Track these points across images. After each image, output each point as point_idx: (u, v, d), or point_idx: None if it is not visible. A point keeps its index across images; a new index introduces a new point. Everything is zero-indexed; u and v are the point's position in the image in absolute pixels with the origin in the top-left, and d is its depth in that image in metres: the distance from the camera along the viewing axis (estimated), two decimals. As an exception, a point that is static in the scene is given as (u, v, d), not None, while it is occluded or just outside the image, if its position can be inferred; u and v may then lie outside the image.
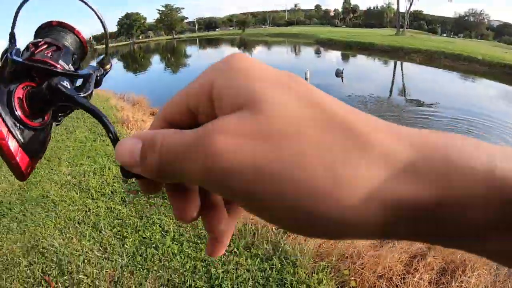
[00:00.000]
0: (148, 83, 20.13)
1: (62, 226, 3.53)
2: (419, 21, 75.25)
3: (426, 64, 20.98)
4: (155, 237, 3.17)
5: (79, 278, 2.76)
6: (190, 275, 2.67)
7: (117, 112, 8.17)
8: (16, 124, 0.42)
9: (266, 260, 2.75)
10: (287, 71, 0.25)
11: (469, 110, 9.78)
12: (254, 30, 70.02)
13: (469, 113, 9.45)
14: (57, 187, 4.38)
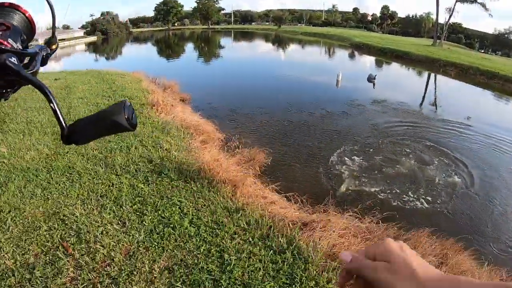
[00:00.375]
0: (181, 69, 20.34)
1: (84, 197, 3.66)
2: (457, 34, 73.24)
3: (460, 79, 20.52)
4: (174, 217, 3.26)
5: (95, 247, 2.88)
6: (204, 258, 2.75)
7: (148, 95, 8.31)
8: None
9: (279, 253, 2.81)
10: None
11: (498, 130, 9.56)
12: (289, 27, 69.66)
13: (498, 133, 9.24)
14: (83, 160, 4.53)
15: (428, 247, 3.48)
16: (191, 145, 5.37)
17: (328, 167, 6.23)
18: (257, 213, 3.38)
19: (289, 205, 4.10)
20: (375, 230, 3.73)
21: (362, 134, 8.20)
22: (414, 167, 6.47)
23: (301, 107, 10.53)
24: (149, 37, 56.70)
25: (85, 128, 0.63)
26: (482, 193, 5.70)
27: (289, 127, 8.50)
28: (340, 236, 3.26)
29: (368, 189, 5.50)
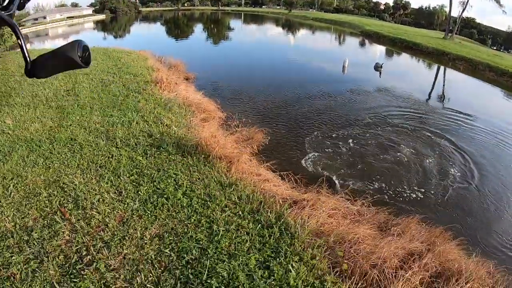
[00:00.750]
0: (188, 50, 20.30)
1: (84, 167, 3.77)
2: (470, 28, 72.22)
3: (469, 74, 20.36)
4: (168, 189, 3.36)
5: (91, 213, 3.01)
6: (193, 228, 2.86)
7: (153, 73, 8.37)
8: None
9: (267, 228, 2.90)
10: None
11: (501, 126, 9.56)
12: (300, 12, 68.89)
13: (501, 128, 9.25)
14: (85, 133, 4.63)
15: (416, 233, 3.53)
16: (192, 122, 5.45)
17: (325, 150, 6.31)
18: (249, 188, 3.47)
19: (283, 184, 4.17)
20: (365, 213, 3.81)
21: (362, 120, 8.27)
22: (411, 155, 6.53)
23: (305, 90, 10.57)
24: (158, 16, 56.33)
25: (44, 63, 0.71)
26: (478, 186, 5.74)
27: (290, 109, 8.56)
28: (329, 216, 3.34)
29: (363, 173, 5.58)
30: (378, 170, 5.78)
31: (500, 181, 6.07)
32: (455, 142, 7.53)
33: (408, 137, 7.45)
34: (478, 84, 18.34)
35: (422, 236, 3.49)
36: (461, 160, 6.66)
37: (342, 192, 4.17)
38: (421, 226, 3.81)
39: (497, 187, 5.85)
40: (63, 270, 2.40)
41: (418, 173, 5.85)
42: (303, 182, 4.50)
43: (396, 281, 2.58)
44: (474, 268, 3.09)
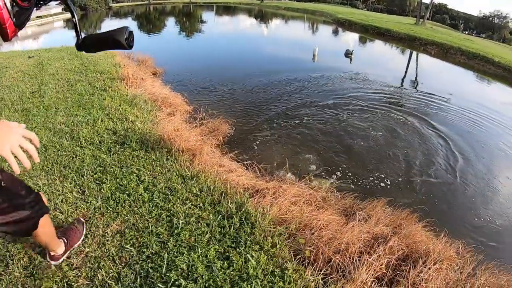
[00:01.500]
0: (159, 44, 20.05)
1: (48, 169, 3.70)
2: (442, 14, 73.63)
3: (440, 58, 20.75)
4: (131, 185, 3.33)
5: (55, 214, 2.95)
6: (154, 222, 2.85)
7: (119, 69, 8.24)
8: (12, 3, 0.62)
9: (227, 218, 2.90)
10: None
11: (477, 108, 9.86)
12: (272, 2, 68.82)
13: (478, 111, 9.54)
14: (50, 134, 4.53)
15: (382, 217, 3.57)
16: (157, 117, 5.40)
17: (291, 136, 6.38)
18: (210, 180, 3.47)
19: (246, 173, 4.17)
20: (330, 199, 3.86)
21: (330, 105, 8.36)
22: (380, 137, 6.63)
23: (274, 79, 10.60)
24: (129, 12, 55.38)
25: (93, 42, 0.85)
26: (447, 166, 5.87)
27: (258, 99, 8.58)
28: (292, 203, 3.36)
29: (328, 159, 5.64)
30: (344, 154, 5.85)
31: (470, 161, 6.21)
32: (426, 123, 7.71)
33: (377, 120, 7.57)
34: (450, 68, 18.72)
35: (388, 219, 3.53)
36: (431, 141, 6.81)
37: (306, 179, 4.20)
38: (387, 210, 3.85)
39: (468, 167, 5.98)
40: (27, 272, 2.36)
41: (386, 156, 5.95)
42: (267, 171, 4.52)
43: (360, 265, 2.59)
44: (442, 249, 3.14)
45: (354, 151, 6.03)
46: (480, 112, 9.53)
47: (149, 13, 52.13)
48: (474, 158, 6.34)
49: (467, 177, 5.67)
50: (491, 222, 4.63)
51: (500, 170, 6.17)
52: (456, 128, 7.82)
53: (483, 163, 6.25)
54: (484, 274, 3.00)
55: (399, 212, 3.81)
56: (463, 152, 6.47)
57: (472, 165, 6.05)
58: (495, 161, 6.53)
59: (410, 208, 3.97)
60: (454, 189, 5.30)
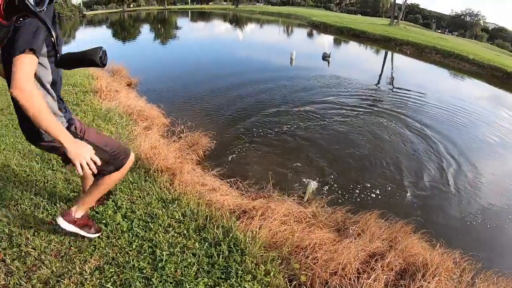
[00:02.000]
0: (134, 52, 19.63)
1: (18, 197, 3.39)
2: (414, 14, 75.18)
3: (416, 58, 21.04)
4: (107, 212, 3.05)
5: (27, 250, 2.66)
6: (136, 255, 2.59)
7: (92, 81, 7.91)
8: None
9: (215, 246, 2.67)
10: None
11: (453, 103, 9.99)
12: (247, 7, 68.97)
13: (453, 106, 9.64)
14: (19, 157, 4.21)
15: (376, 230, 3.41)
16: (133, 132, 5.13)
17: (274, 147, 6.14)
18: (193, 203, 3.22)
19: (231, 192, 3.95)
20: (321, 214, 3.67)
21: (312, 111, 8.21)
22: (364, 144, 6.49)
23: (252, 86, 10.40)
24: (104, 19, 54.55)
25: (69, 60, 0.90)
26: (435, 172, 5.74)
27: (237, 107, 8.32)
28: (282, 222, 3.16)
29: (315, 170, 5.41)
30: (330, 163, 5.64)
31: (458, 163, 6.13)
32: (408, 124, 7.68)
33: (360, 124, 7.49)
34: (426, 66, 19.00)
35: (383, 233, 3.37)
36: (416, 143, 6.72)
37: (294, 194, 4.00)
38: (381, 222, 3.69)
39: (456, 169, 5.88)
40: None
41: (373, 163, 5.80)
42: (252, 186, 4.32)
43: (359, 287, 2.46)
44: (440, 260, 3.03)
45: (340, 160, 5.82)
46: (460, 108, 9.72)
47: (124, 20, 51.52)
48: (460, 158, 6.26)
49: (457, 180, 5.55)
50: (485, 227, 4.53)
51: (487, 168, 6.15)
52: (438, 127, 7.79)
53: (470, 163, 6.19)
54: (483, 282, 2.95)
55: (393, 224, 3.66)
56: (449, 153, 6.40)
57: (459, 167, 5.97)
58: (482, 159, 6.52)
59: (404, 220, 3.83)
60: (445, 196, 5.15)
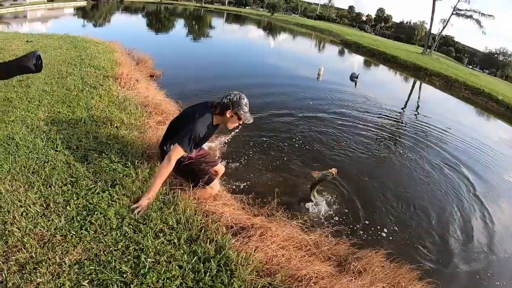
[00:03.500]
0: (164, 44, 19.75)
1: (15, 172, 3.28)
2: (448, 46, 74.17)
3: (444, 90, 20.62)
4: (100, 205, 2.90)
5: (11, 230, 2.55)
6: (119, 256, 2.43)
7: (116, 67, 7.86)
8: None
9: (204, 261, 2.48)
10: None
11: (478, 144, 9.62)
12: (282, 16, 69.04)
13: (477, 146, 9.29)
14: (26, 131, 4.12)
15: (379, 271, 3.15)
16: (146, 125, 5.00)
17: (288, 163, 5.89)
18: (190, 209, 3.05)
19: (233, 203, 3.74)
20: (324, 244, 3.43)
21: (331, 131, 7.96)
22: (382, 174, 6.20)
23: (278, 96, 10.28)
24: (140, 8, 55.31)
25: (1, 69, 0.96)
26: (455, 219, 5.29)
27: (257, 116, 8.04)
28: (281, 247, 2.95)
29: (327, 195, 5.12)
30: (345, 190, 5.34)
31: (482, 210, 5.72)
32: (432, 156, 7.34)
33: (382, 151, 7.20)
34: (453, 101, 18.60)
35: (386, 276, 3.11)
36: (440, 178, 6.38)
37: (299, 217, 3.78)
38: (386, 264, 3.42)
39: (479, 218, 5.49)
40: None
41: (388, 196, 5.45)
42: (257, 200, 4.11)
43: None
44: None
45: (354, 187, 5.46)
46: (485, 146, 9.50)
47: (160, 12, 52.16)
48: (484, 204, 5.85)
49: (477, 232, 5.08)
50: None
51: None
52: (462, 163, 7.48)
53: (494, 210, 5.79)
54: None
55: (398, 267, 3.38)
56: (474, 194, 6.03)
57: (482, 214, 5.57)
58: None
59: (411, 265, 3.54)
60: (461, 246, 4.67)
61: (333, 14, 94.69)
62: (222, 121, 3.23)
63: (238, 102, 3.08)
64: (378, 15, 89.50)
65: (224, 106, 3.10)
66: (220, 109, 3.13)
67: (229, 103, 3.08)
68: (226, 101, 3.09)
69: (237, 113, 3.12)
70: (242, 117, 3.14)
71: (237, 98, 3.10)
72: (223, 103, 3.10)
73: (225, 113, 3.12)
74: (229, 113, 3.11)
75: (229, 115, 3.13)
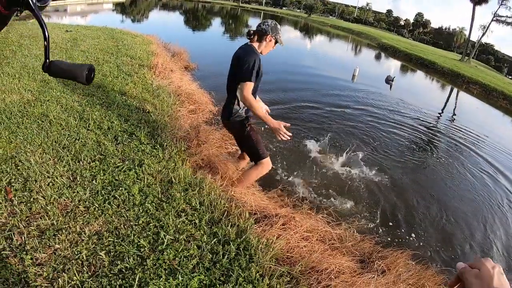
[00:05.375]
0: (200, 41, 19.96)
1: (47, 146, 3.38)
2: (487, 54, 71.84)
3: (481, 99, 19.89)
4: (126, 182, 2.94)
5: (36, 198, 2.62)
6: (139, 231, 2.43)
7: (151, 57, 7.98)
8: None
9: (224, 244, 2.45)
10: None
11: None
12: (319, 18, 68.66)
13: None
14: (60, 110, 4.25)
15: (403, 272, 2.99)
16: (178, 112, 5.03)
17: (320, 159, 5.69)
18: (215, 193, 3.03)
19: (259, 191, 3.72)
20: (348, 240, 3.32)
21: (369, 131, 7.73)
22: (420, 177, 5.94)
23: (310, 94, 10.13)
24: (178, 5, 56.16)
25: (59, 68, 0.87)
26: (492, 229, 4.91)
27: (290, 111, 8.04)
28: (303, 238, 2.87)
29: (357, 192, 4.93)
30: (376, 190, 5.12)
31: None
32: (468, 163, 7.03)
33: (418, 154, 6.96)
34: (491, 110, 17.92)
35: (410, 277, 2.98)
36: (474, 186, 6.06)
37: (325, 210, 3.69)
38: (411, 264, 3.28)
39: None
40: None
41: (424, 198, 5.21)
42: (285, 192, 4.05)
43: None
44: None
45: (387, 189, 5.25)
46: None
47: (197, 10, 52.79)
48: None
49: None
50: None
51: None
52: (501, 172, 7.11)
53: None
54: None
55: (423, 269, 3.22)
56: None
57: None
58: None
59: (437, 268, 3.38)
60: (498, 261, 4.29)
61: (371, 17, 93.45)
62: (260, 48, 3.41)
63: (275, 27, 3.34)
64: (416, 20, 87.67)
65: (263, 32, 3.31)
66: (259, 35, 3.35)
67: (268, 28, 3.30)
68: (265, 27, 3.30)
69: (275, 37, 3.36)
70: (279, 40, 3.41)
71: (274, 24, 3.35)
72: (261, 29, 3.31)
73: (264, 39, 3.34)
74: (269, 37, 3.34)
75: (268, 39, 3.35)
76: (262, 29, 3.31)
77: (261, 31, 3.32)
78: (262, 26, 3.32)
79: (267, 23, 3.33)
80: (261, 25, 3.34)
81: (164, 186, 3.01)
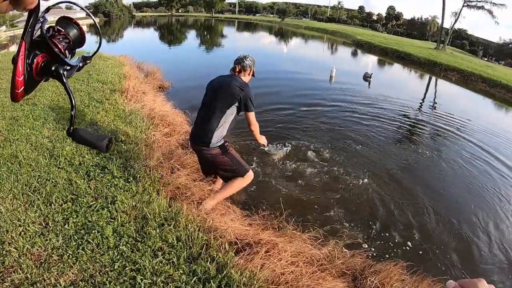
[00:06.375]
0: (175, 56, 19.83)
1: (17, 191, 3.22)
2: (461, 40, 73.06)
3: (460, 85, 20.10)
4: (100, 223, 2.80)
5: (9, 250, 2.49)
6: (115, 277, 2.30)
7: (123, 80, 7.82)
8: (28, 75, 0.78)
9: (204, 282, 2.31)
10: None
11: (497, 136, 9.16)
12: (293, 21, 69.11)
13: (497, 139, 8.86)
14: (30, 149, 4.08)
15: (397, 285, 2.90)
16: (151, 137, 4.88)
17: (302, 173, 5.45)
18: (192, 226, 2.88)
19: (240, 215, 3.59)
20: (338, 257, 3.18)
21: (346, 135, 7.52)
22: (404, 182, 5.72)
23: (287, 101, 10.00)
24: (152, 22, 56.05)
25: (82, 137, 0.92)
26: (485, 229, 4.65)
27: (269, 123, 7.77)
28: (290, 263, 2.74)
29: (340, 208, 4.59)
30: (363, 202, 4.87)
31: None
32: (448, 158, 6.94)
33: (398, 151, 6.87)
34: (471, 95, 18.12)
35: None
36: (457, 184, 5.94)
37: (311, 229, 3.55)
38: (406, 277, 3.10)
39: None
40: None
41: (419, 208, 4.90)
42: (266, 211, 3.90)
43: None
44: None
45: (369, 197, 4.99)
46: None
47: (171, 24, 52.79)
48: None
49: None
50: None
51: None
52: (493, 156, 7.11)
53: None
54: None
55: (419, 279, 3.08)
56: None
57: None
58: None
59: (434, 278, 3.19)
60: (493, 263, 4.06)
61: (344, 15, 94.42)
62: (244, 80, 3.73)
63: (253, 62, 3.76)
64: (388, 13, 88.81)
65: (247, 67, 3.70)
66: (244, 70, 3.71)
67: (251, 63, 3.72)
68: (248, 63, 3.70)
69: (253, 70, 3.80)
70: (254, 72, 3.85)
71: (252, 58, 3.76)
72: (246, 65, 3.70)
73: (248, 73, 3.74)
74: (251, 72, 3.76)
75: (249, 73, 3.75)
76: (246, 65, 3.68)
77: (245, 66, 3.69)
78: (245, 61, 3.69)
79: (247, 58, 3.73)
80: (244, 61, 3.70)
81: (138, 223, 2.86)
